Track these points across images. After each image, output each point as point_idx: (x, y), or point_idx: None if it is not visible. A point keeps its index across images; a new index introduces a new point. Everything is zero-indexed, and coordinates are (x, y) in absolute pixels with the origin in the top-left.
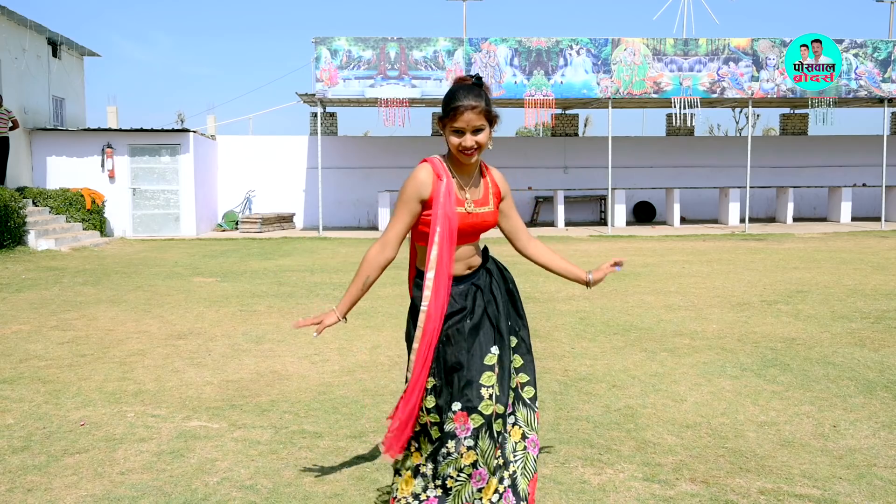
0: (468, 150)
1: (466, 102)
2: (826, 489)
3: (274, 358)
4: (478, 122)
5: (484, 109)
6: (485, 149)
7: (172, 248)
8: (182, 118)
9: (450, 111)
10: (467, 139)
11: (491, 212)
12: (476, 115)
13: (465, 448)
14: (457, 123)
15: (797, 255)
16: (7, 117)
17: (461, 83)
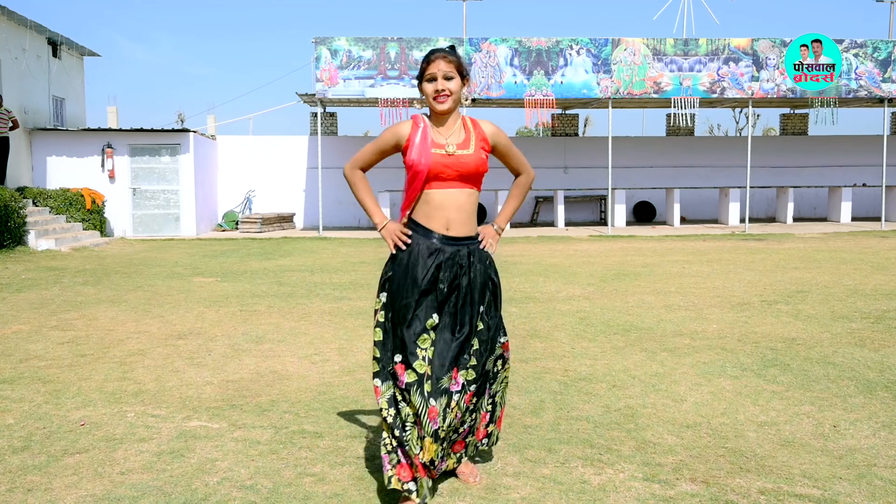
0: (441, 94)
1: (439, 54)
2: (826, 489)
3: (274, 358)
4: (448, 70)
5: (454, 61)
6: (458, 101)
7: (172, 248)
8: (182, 118)
9: (424, 62)
10: (439, 83)
11: (470, 154)
12: (447, 63)
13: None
14: (429, 70)
15: (797, 255)
16: (7, 117)
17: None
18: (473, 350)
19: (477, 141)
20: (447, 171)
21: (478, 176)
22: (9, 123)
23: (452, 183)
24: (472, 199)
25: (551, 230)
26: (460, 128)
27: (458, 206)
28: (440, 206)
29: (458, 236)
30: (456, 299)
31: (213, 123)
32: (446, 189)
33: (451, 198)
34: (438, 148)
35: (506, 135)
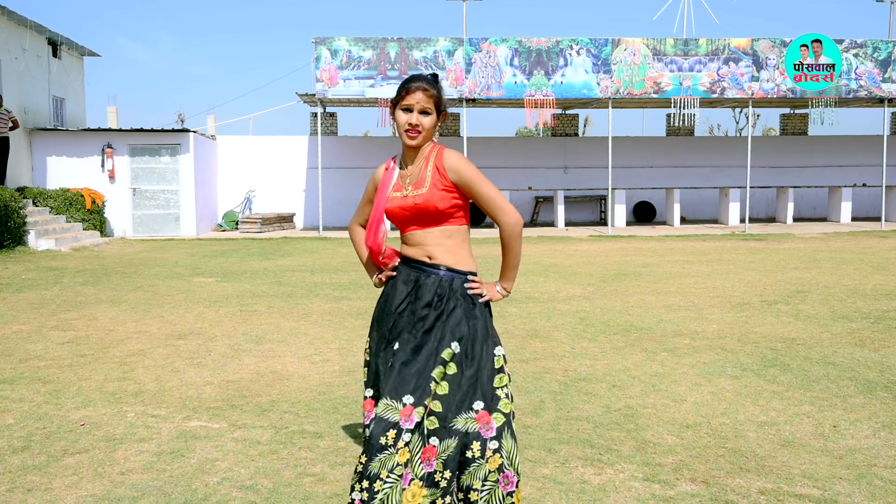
0: (413, 129)
1: (419, 84)
2: (826, 489)
3: (274, 358)
4: (426, 104)
5: (434, 95)
6: (429, 136)
7: (172, 248)
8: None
9: (402, 89)
10: (413, 117)
11: (423, 194)
12: (426, 97)
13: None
14: (406, 101)
15: (797, 256)
16: (7, 117)
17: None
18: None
19: (433, 177)
20: (408, 215)
21: (442, 214)
22: (9, 123)
23: (418, 226)
24: (447, 233)
25: (551, 230)
26: (421, 161)
27: (435, 242)
28: (419, 243)
29: (439, 264)
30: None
31: (213, 123)
32: (419, 230)
33: (426, 236)
34: (398, 191)
35: (470, 168)
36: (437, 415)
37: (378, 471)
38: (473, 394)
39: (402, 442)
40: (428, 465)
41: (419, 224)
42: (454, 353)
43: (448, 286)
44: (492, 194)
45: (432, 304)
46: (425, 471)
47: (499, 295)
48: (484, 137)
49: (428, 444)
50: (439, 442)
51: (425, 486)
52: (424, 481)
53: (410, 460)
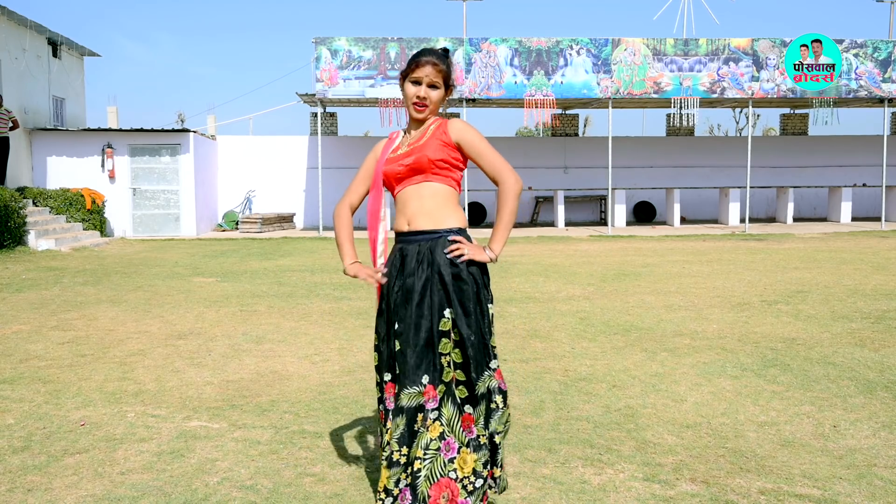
0: (421, 101)
1: (430, 58)
2: (826, 489)
3: (274, 358)
4: (435, 78)
5: (444, 70)
6: (436, 110)
7: (172, 248)
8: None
9: (412, 62)
10: (421, 90)
11: (420, 145)
12: (436, 71)
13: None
14: (416, 73)
15: (797, 256)
16: (7, 117)
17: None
18: (458, 362)
19: (434, 134)
20: (402, 169)
21: (432, 165)
22: (9, 123)
23: (409, 179)
24: (433, 191)
25: (551, 230)
26: (424, 129)
27: (417, 201)
28: (402, 202)
29: (417, 230)
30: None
31: (213, 123)
32: (407, 186)
33: (412, 192)
34: (395, 151)
35: (476, 133)
36: (465, 383)
37: (416, 454)
38: (486, 353)
39: (430, 419)
40: (470, 433)
41: (408, 176)
42: (450, 319)
43: (428, 251)
44: (494, 156)
45: (416, 274)
46: (468, 437)
47: (486, 256)
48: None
49: (464, 412)
50: (473, 409)
51: (473, 451)
52: (471, 447)
53: (451, 430)
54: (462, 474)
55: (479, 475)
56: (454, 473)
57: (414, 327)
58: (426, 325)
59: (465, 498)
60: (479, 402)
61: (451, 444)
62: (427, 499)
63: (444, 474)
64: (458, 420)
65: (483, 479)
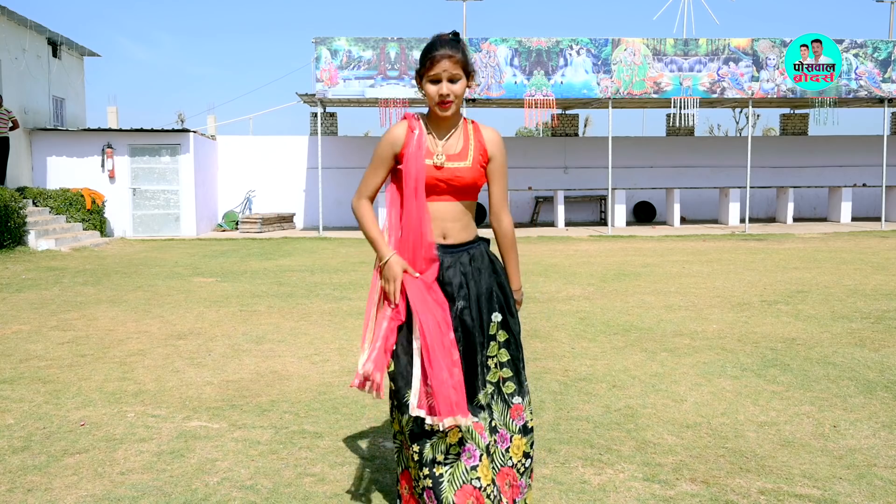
0: (445, 101)
1: (443, 51)
2: (826, 489)
3: (274, 358)
4: (454, 71)
5: (461, 59)
6: (461, 104)
7: (172, 248)
8: (182, 118)
9: (426, 60)
10: (443, 87)
11: (467, 167)
12: (452, 63)
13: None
14: (433, 71)
15: (797, 256)
16: (7, 117)
17: (439, 38)
18: (504, 361)
19: (476, 152)
20: (440, 185)
21: (474, 189)
22: (9, 123)
23: (446, 196)
24: (467, 209)
25: (551, 230)
26: (459, 134)
27: (453, 217)
28: (435, 217)
29: (455, 243)
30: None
31: (213, 123)
32: (440, 202)
33: (446, 210)
34: (428, 157)
35: (505, 153)
36: (511, 378)
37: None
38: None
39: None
40: (520, 420)
41: (447, 195)
42: (498, 322)
43: (469, 261)
44: (505, 188)
45: (462, 284)
46: (519, 425)
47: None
48: None
49: (513, 404)
50: (522, 399)
51: (523, 435)
52: (521, 432)
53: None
54: (516, 459)
55: (528, 455)
56: (511, 461)
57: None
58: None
59: (521, 479)
60: (525, 392)
61: (504, 436)
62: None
63: (504, 464)
64: (507, 413)
65: (531, 458)
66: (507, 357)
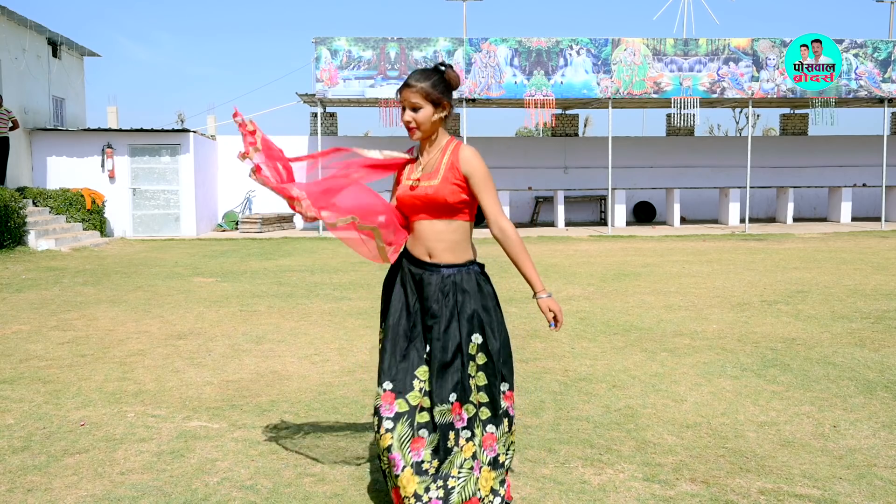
0: (409, 126)
1: (410, 80)
2: (826, 489)
3: (274, 358)
4: (415, 101)
5: (423, 90)
6: (431, 128)
7: (172, 248)
8: (182, 118)
9: (399, 89)
10: (406, 114)
11: (435, 185)
12: (413, 93)
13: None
14: (401, 100)
15: (797, 256)
16: (7, 117)
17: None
18: (482, 385)
19: (446, 170)
20: (416, 203)
21: (449, 207)
22: (9, 123)
23: (424, 215)
24: (452, 228)
25: (551, 230)
26: (438, 155)
27: (436, 236)
28: (420, 235)
29: (441, 263)
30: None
31: (213, 123)
32: (420, 221)
33: (429, 227)
34: (409, 180)
35: (483, 167)
36: (487, 404)
37: (449, 470)
38: (501, 376)
39: (464, 439)
40: (492, 451)
41: (426, 214)
42: (478, 344)
43: (451, 282)
44: (494, 198)
45: (440, 302)
46: (490, 456)
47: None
48: (484, 137)
49: (486, 432)
50: (496, 428)
51: (492, 469)
52: (491, 465)
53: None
54: (484, 493)
55: (496, 493)
56: (479, 493)
57: (442, 350)
58: (452, 349)
59: None
60: (500, 422)
61: (478, 465)
62: None
63: (474, 493)
64: (480, 440)
65: (501, 497)
66: (484, 382)
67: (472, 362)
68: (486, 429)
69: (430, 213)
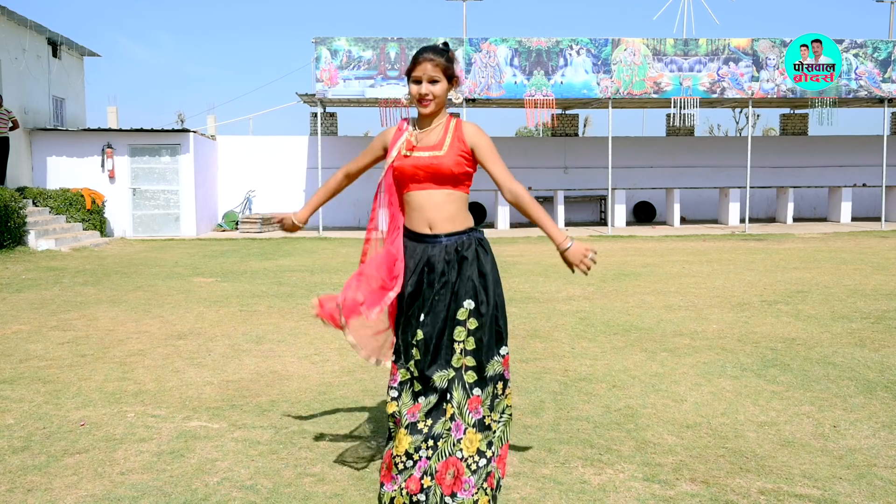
0: (424, 99)
1: (426, 55)
2: (826, 489)
3: (274, 358)
4: (434, 74)
5: (442, 64)
6: (443, 103)
7: (172, 248)
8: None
9: (412, 61)
10: (423, 87)
11: (441, 156)
12: (433, 66)
13: (389, 398)
14: (415, 72)
15: (797, 256)
16: (7, 117)
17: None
18: (470, 349)
19: (453, 142)
20: (419, 172)
21: (454, 177)
22: (9, 123)
23: (427, 184)
24: (452, 198)
25: None
26: (441, 130)
27: (436, 206)
28: (419, 207)
29: (442, 233)
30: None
31: (213, 123)
32: (423, 190)
33: (428, 198)
34: (410, 150)
35: (488, 138)
36: (474, 368)
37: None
38: (498, 340)
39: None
40: (476, 413)
41: (428, 182)
42: (469, 309)
43: (454, 250)
44: (502, 165)
45: (443, 270)
46: (475, 418)
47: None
48: None
49: (472, 395)
50: (481, 391)
51: (478, 431)
52: (477, 427)
53: (459, 412)
54: (467, 453)
55: (482, 454)
56: (460, 453)
57: (439, 318)
58: (445, 315)
59: (469, 476)
60: (486, 385)
61: (459, 426)
62: (434, 473)
63: (452, 453)
64: (465, 403)
65: (487, 459)
66: (473, 346)
67: (461, 327)
68: (473, 392)
69: (433, 182)
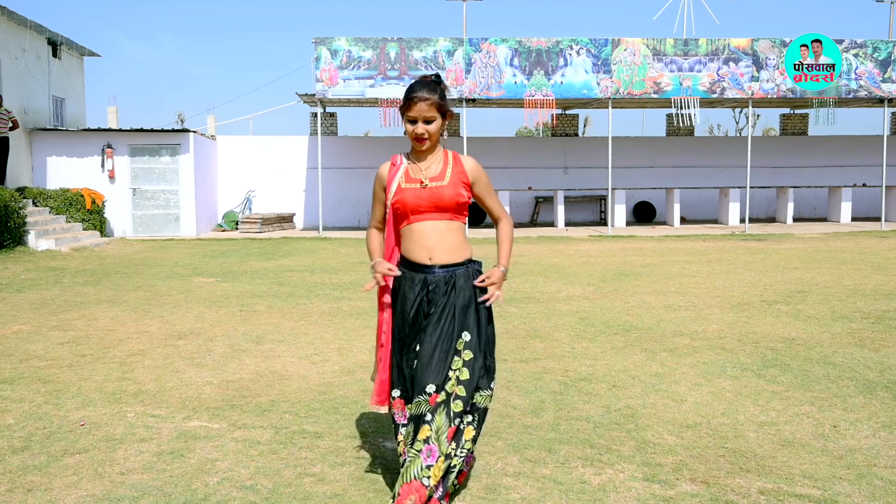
0: (420, 138)
1: (420, 94)
2: (826, 489)
3: (274, 358)
4: (429, 113)
5: (436, 102)
6: (438, 138)
7: (172, 248)
8: (182, 118)
9: (406, 100)
10: (419, 127)
11: (445, 186)
12: (428, 106)
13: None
14: (411, 113)
15: (797, 256)
16: (7, 117)
17: (421, 79)
18: (463, 379)
19: (454, 174)
20: (422, 203)
21: (456, 206)
22: (9, 123)
23: (429, 214)
24: (452, 227)
25: (551, 230)
26: (439, 161)
27: (437, 236)
28: (419, 236)
29: (441, 264)
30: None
31: (213, 123)
32: (424, 221)
33: (430, 228)
34: (412, 182)
35: (486, 174)
36: (462, 398)
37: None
38: (489, 373)
39: (424, 422)
40: (450, 445)
41: (431, 211)
42: (466, 341)
43: (452, 281)
44: (496, 198)
45: (439, 301)
46: (450, 448)
47: (502, 273)
48: (484, 137)
49: (452, 424)
50: (461, 422)
51: (445, 460)
52: (447, 457)
53: (436, 437)
54: (433, 482)
55: (442, 482)
56: (427, 481)
57: (432, 347)
58: (444, 345)
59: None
60: (469, 415)
61: (432, 451)
62: (396, 496)
63: (418, 477)
64: (445, 430)
65: (444, 488)
66: (466, 377)
67: (458, 357)
68: (454, 421)
69: (436, 210)
